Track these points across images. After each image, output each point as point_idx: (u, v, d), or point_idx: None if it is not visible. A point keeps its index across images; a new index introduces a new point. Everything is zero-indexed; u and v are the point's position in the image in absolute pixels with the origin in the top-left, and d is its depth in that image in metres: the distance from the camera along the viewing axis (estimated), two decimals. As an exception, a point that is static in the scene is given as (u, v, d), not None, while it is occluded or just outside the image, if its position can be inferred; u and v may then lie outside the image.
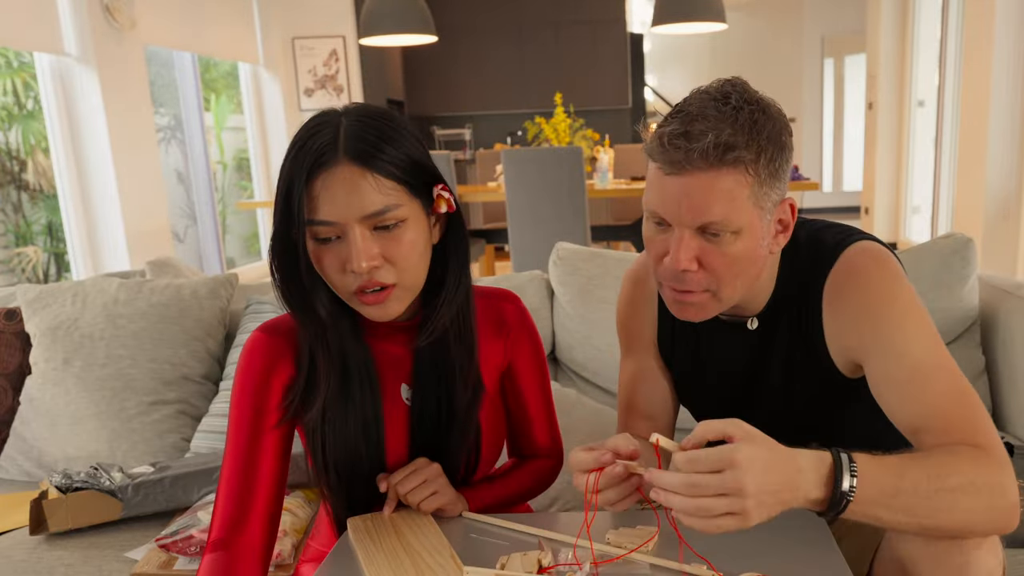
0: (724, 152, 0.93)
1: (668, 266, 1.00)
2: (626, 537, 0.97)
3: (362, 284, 0.94)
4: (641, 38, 8.19)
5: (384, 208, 0.92)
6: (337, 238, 0.93)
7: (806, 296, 1.07)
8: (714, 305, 1.03)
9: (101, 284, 1.90)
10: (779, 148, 0.96)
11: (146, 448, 1.77)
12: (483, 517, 1.08)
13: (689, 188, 0.94)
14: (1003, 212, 4.42)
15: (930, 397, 0.95)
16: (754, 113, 0.95)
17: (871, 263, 1.03)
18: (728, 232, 0.96)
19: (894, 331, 0.99)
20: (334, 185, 0.91)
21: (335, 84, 6.60)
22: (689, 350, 1.20)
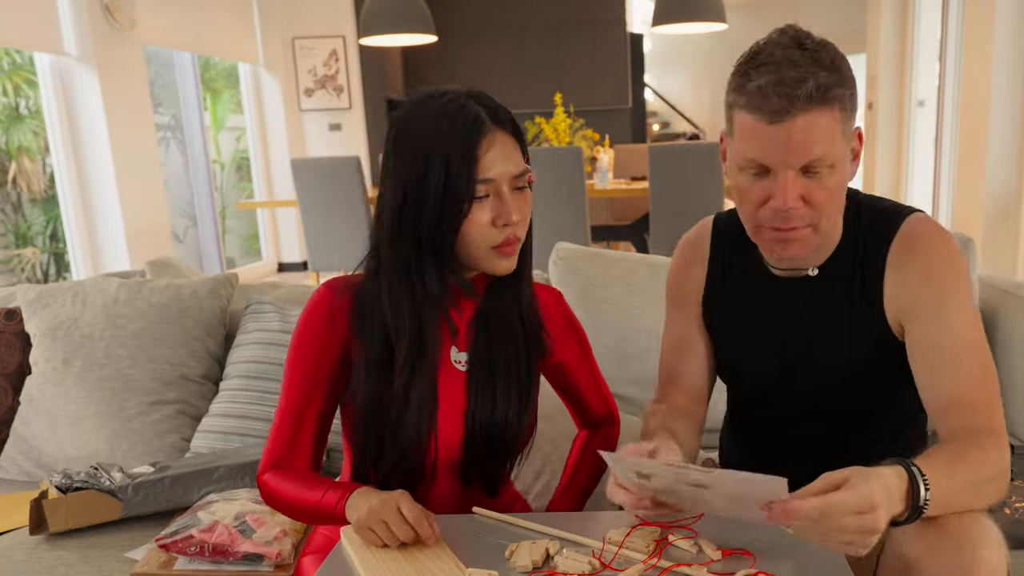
0: (826, 92, 0.98)
1: (774, 207, 1.03)
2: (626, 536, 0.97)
3: (507, 237, 1.06)
4: (641, 38, 8.19)
5: (524, 170, 1.08)
6: (487, 196, 1.04)
7: (870, 253, 1.11)
8: (814, 238, 1.07)
9: (101, 284, 1.90)
10: (852, 83, 1.02)
11: (146, 448, 1.76)
12: (496, 515, 1.08)
13: (793, 132, 0.98)
14: (1003, 212, 4.42)
15: (962, 374, 1.02)
16: (831, 51, 1.01)
17: (937, 234, 1.09)
18: (826, 167, 1.01)
19: (946, 300, 1.05)
20: (495, 149, 1.04)
21: (335, 84, 6.60)
22: (739, 309, 1.21)
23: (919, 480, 0.88)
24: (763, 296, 1.18)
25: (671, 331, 1.28)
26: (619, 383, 1.86)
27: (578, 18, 7.64)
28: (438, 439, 1.12)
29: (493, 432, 1.14)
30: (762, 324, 1.19)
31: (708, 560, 0.93)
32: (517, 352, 1.15)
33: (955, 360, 1.03)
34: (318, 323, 1.12)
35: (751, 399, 1.28)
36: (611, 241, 5.29)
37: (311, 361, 1.11)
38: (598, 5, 7.64)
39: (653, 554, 0.94)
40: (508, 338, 1.15)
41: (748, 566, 0.90)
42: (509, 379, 1.15)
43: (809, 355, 1.16)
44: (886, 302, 1.09)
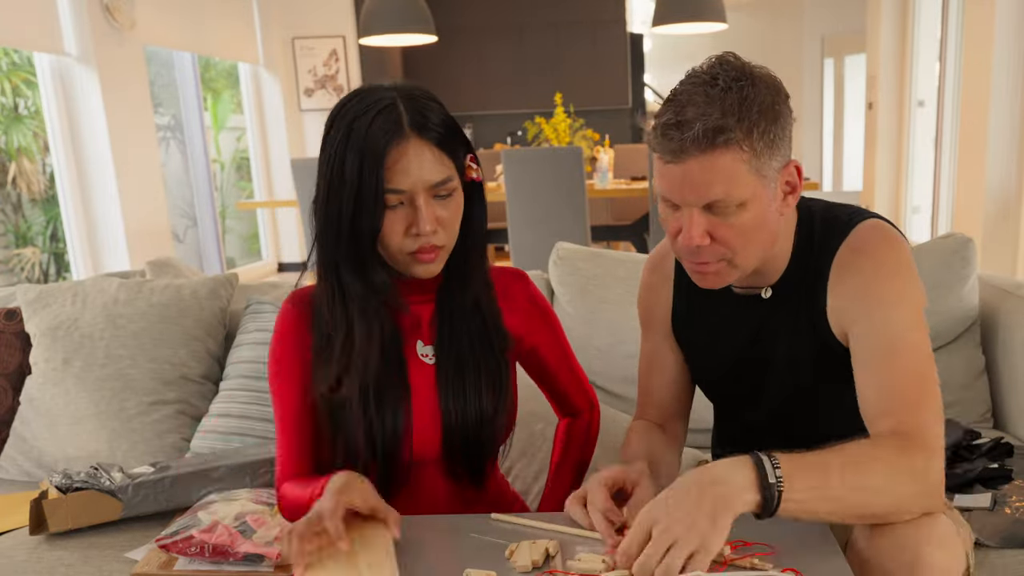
0: (715, 136, 0.97)
1: (682, 243, 1.05)
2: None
3: (421, 245, 1.05)
4: (641, 38, 8.18)
5: (446, 178, 1.04)
6: (400, 204, 1.03)
7: (817, 267, 1.11)
8: (732, 272, 1.07)
9: (101, 284, 1.90)
10: (772, 119, 1.00)
11: (146, 448, 1.76)
12: (514, 519, 1.08)
13: (688, 173, 0.99)
14: (1003, 212, 4.42)
15: (891, 380, 1.01)
16: (743, 89, 0.98)
17: (881, 240, 1.07)
18: (733, 206, 1.00)
19: (881, 306, 1.04)
20: (407, 158, 1.01)
21: (335, 84, 6.60)
22: (704, 325, 1.23)
23: (767, 468, 0.89)
24: (725, 315, 1.19)
25: (644, 350, 1.31)
26: (618, 383, 1.86)
27: (578, 18, 7.63)
28: (413, 435, 1.12)
29: (469, 425, 1.14)
30: (726, 342, 1.21)
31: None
32: (481, 346, 1.15)
33: (886, 362, 1.01)
34: (287, 340, 1.14)
35: (727, 411, 1.31)
36: (611, 241, 5.28)
37: (289, 377, 1.14)
38: (598, 5, 7.63)
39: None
40: (469, 333, 1.15)
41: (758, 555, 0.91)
42: (479, 372, 1.15)
43: (770, 371, 1.17)
44: (829, 313, 1.09)
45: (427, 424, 1.13)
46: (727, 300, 1.18)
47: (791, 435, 1.12)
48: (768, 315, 1.15)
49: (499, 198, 4.23)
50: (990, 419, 1.75)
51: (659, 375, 1.28)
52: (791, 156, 1.05)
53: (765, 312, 1.15)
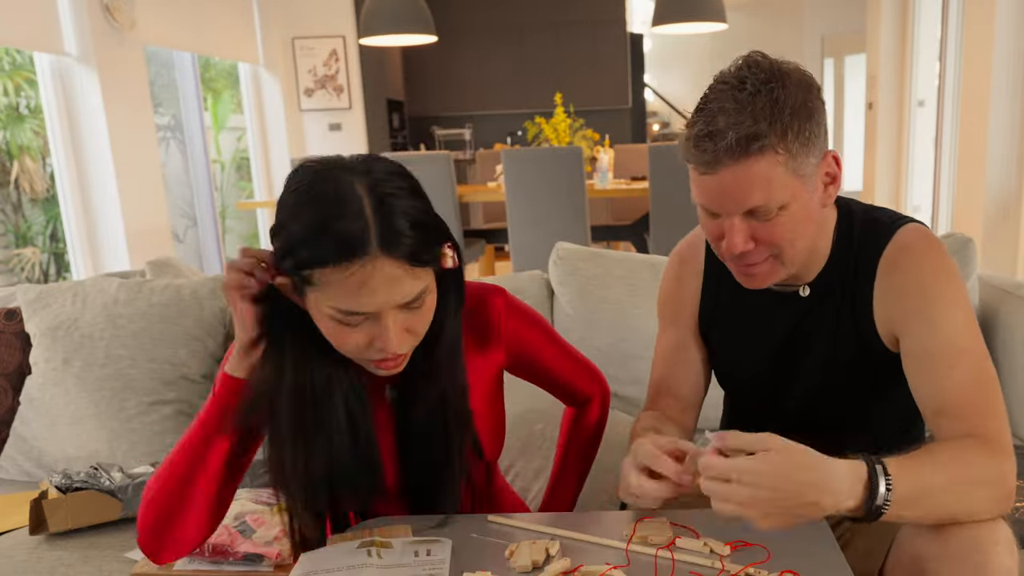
0: (748, 144, 0.95)
1: (727, 250, 1.04)
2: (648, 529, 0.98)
3: (386, 356, 0.95)
4: (641, 38, 8.19)
5: (419, 294, 0.93)
6: (365, 320, 0.92)
7: (860, 267, 1.10)
8: (780, 268, 1.07)
9: (101, 284, 1.90)
10: (806, 117, 0.98)
11: (146, 448, 1.76)
12: (511, 521, 1.08)
13: (724, 183, 0.98)
14: (1003, 212, 4.42)
15: (954, 379, 1.00)
16: (773, 91, 0.97)
17: (927, 243, 1.07)
18: (774, 209, 0.99)
19: (935, 307, 1.03)
20: (373, 281, 0.88)
21: (335, 84, 6.60)
22: (734, 321, 1.22)
23: (879, 476, 0.87)
24: (758, 310, 1.18)
25: (665, 341, 1.29)
26: (619, 383, 1.86)
27: (578, 18, 7.63)
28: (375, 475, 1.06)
29: (429, 467, 1.08)
30: (757, 337, 1.19)
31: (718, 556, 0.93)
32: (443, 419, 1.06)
33: (946, 366, 1.01)
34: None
35: (747, 406, 1.30)
36: (611, 241, 5.28)
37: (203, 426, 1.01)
38: (598, 5, 7.63)
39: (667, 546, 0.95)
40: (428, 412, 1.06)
41: (759, 559, 0.91)
42: (442, 421, 1.07)
43: (803, 368, 1.17)
44: (876, 315, 1.09)
45: (386, 463, 1.09)
46: (763, 296, 1.16)
47: (811, 438, 1.13)
48: (807, 313, 1.14)
49: (499, 198, 4.23)
50: (990, 419, 1.75)
51: (682, 368, 1.26)
52: (827, 147, 1.04)
53: (803, 310, 1.14)
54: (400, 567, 0.94)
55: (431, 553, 0.97)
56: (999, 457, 0.95)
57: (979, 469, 0.93)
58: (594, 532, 1.02)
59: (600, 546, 0.99)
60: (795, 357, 1.17)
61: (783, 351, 1.17)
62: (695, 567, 0.92)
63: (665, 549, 0.95)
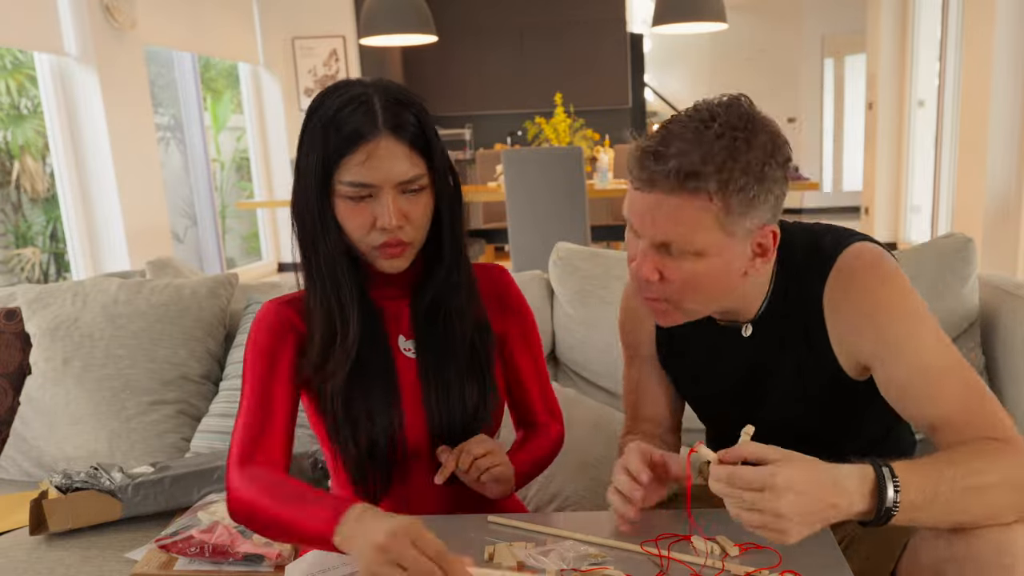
0: (685, 179, 0.93)
1: (633, 271, 1.03)
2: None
3: (386, 240, 1.05)
4: (641, 38, 8.19)
5: (415, 176, 1.04)
6: (368, 197, 1.04)
7: (806, 301, 1.07)
8: (678, 315, 1.06)
9: (101, 284, 1.90)
10: (756, 179, 0.95)
11: (146, 448, 1.76)
12: (511, 521, 1.07)
13: (652, 206, 0.97)
14: (1003, 212, 4.42)
15: (944, 399, 0.98)
16: (735, 141, 0.93)
17: (868, 267, 1.04)
18: (688, 252, 0.98)
19: (898, 336, 1.00)
20: (376, 155, 1.02)
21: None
22: (688, 356, 1.20)
23: (887, 480, 0.86)
24: (710, 344, 1.16)
25: (629, 373, 1.29)
26: (617, 383, 1.85)
27: (578, 18, 7.63)
28: (403, 430, 1.12)
29: (455, 420, 1.14)
30: (713, 371, 1.18)
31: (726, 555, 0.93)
32: (461, 342, 1.15)
33: (932, 390, 0.98)
34: (263, 335, 1.13)
35: (719, 430, 1.29)
36: (611, 241, 5.28)
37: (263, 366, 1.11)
38: (598, 5, 7.62)
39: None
40: (448, 328, 1.14)
41: (767, 561, 0.91)
42: (460, 367, 1.14)
43: (763, 399, 1.15)
44: (834, 345, 1.06)
45: (413, 419, 1.14)
46: (710, 332, 1.15)
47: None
48: (754, 349, 1.12)
49: (499, 198, 4.23)
50: (990, 419, 1.75)
51: (650, 399, 1.26)
52: (773, 221, 1.00)
53: (750, 348, 1.12)
54: None
55: None
56: (1017, 457, 0.92)
57: (999, 470, 0.90)
58: (592, 532, 1.02)
59: (600, 546, 0.99)
60: (755, 390, 1.15)
61: (743, 384, 1.16)
62: (695, 567, 0.92)
63: (667, 549, 0.95)
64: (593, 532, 1.02)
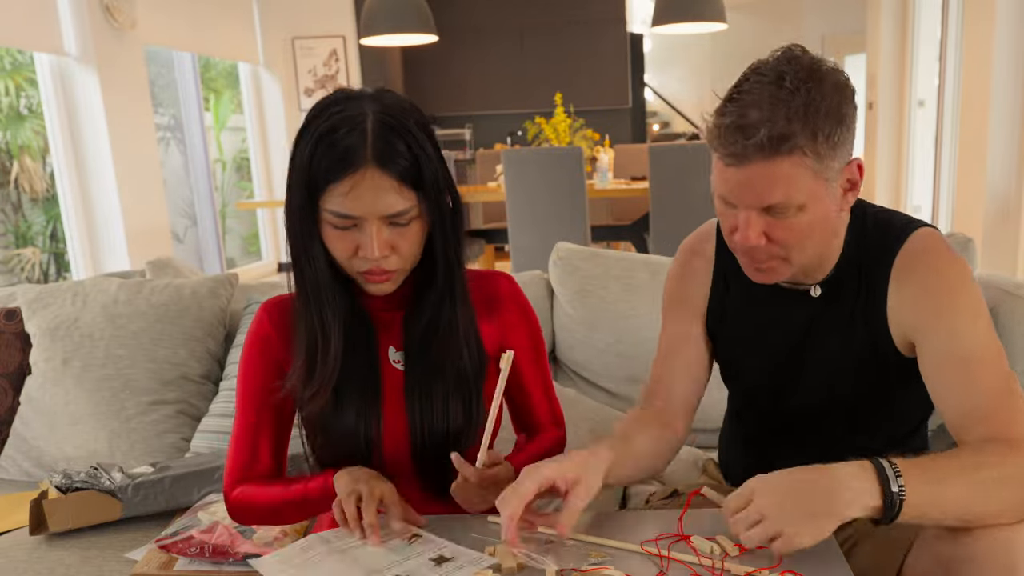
0: (779, 143, 0.95)
1: (739, 242, 1.04)
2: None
3: (371, 268, 1.03)
4: (641, 38, 8.18)
5: (402, 210, 1.01)
6: (353, 226, 1.01)
7: (874, 269, 1.09)
8: (787, 268, 1.07)
9: (101, 284, 1.90)
10: (837, 121, 0.97)
11: (146, 448, 1.76)
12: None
13: (749, 177, 0.98)
14: (1003, 212, 4.42)
15: (978, 388, 0.99)
16: (810, 92, 0.95)
17: (943, 247, 1.07)
18: (792, 208, 0.99)
19: (956, 315, 1.03)
20: (361, 187, 0.99)
21: (335, 84, 6.60)
22: (743, 317, 1.21)
23: (887, 469, 0.88)
24: (768, 307, 1.17)
25: (666, 334, 1.27)
26: (617, 383, 1.86)
27: (578, 18, 7.62)
28: (382, 440, 1.11)
29: (437, 436, 1.12)
30: (767, 335, 1.18)
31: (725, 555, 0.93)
32: (454, 359, 1.13)
33: (969, 372, 1.00)
34: (256, 346, 1.15)
35: (750, 403, 1.28)
36: (611, 241, 5.28)
37: (254, 383, 1.14)
38: (598, 5, 7.62)
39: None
40: (439, 345, 1.12)
41: (766, 562, 0.91)
42: (449, 385, 1.13)
43: (810, 367, 1.16)
44: (890, 317, 1.08)
45: (396, 432, 1.13)
46: (774, 294, 1.16)
47: (816, 442, 1.12)
48: (818, 312, 1.14)
49: (499, 198, 4.22)
50: (990, 419, 1.75)
51: (680, 362, 1.23)
52: (853, 154, 1.03)
53: (815, 310, 1.14)
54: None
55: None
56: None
57: (1005, 468, 0.92)
58: (592, 532, 1.02)
59: (600, 546, 0.98)
60: (804, 356, 1.16)
61: (792, 350, 1.16)
62: (696, 566, 0.92)
63: (667, 549, 0.95)
64: (593, 532, 1.02)
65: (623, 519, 1.09)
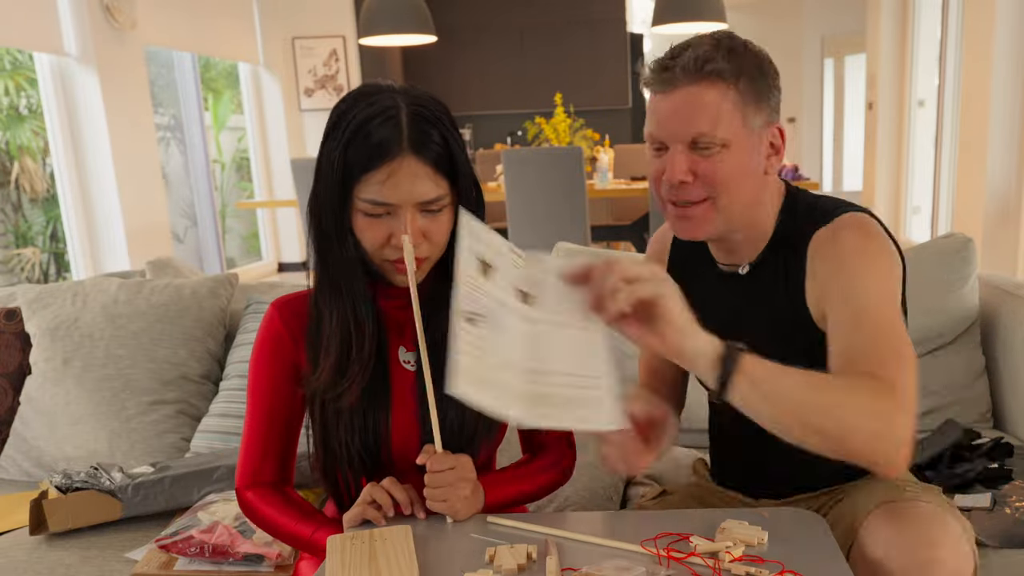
0: (703, 64, 1.03)
1: (666, 179, 1.07)
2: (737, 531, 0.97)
3: (401, 256, 1.03)
4: (641, 38, 8.19)
5: (437, 197, 1.03)
6: (386, 214, 1.03)
7: (795, 248, 1.12)
8: (714, 216, 1.08)
9: (101, 284, 1.90)
10: (760, 74, 1.06)
11: (145, 448, 1.76)
12: (511, 521, 1.07)
13: (676, 103, 1.04)
14: (1003, 212, 4.42)
15: (864, 336, 1.00)
16: (735, 45, 1.06)
17: (857, 225, 1.09)
18: (717, 145, 1.04)
19: (853, 280, 1.05)
20: (398, 174, 1.01)
21: (335, 84, 6.61)
22: (691, 301, 1.21)
23: (734, 349, 0.92)
24: (709, 290, 1.19)
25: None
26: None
27: (578, 18, 7.63)
28: (391, 443, 1.11)
29: (452, 436, 1.10)
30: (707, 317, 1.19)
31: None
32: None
33: (853, 326, 1.01)
34: (268, 344, 1.14)
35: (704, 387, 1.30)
36: (611, 241, 5.29)
37: (267, 381, 1.14)
38: (598, 5, 7.63)
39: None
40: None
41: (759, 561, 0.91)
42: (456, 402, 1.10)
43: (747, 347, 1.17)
44: (807, 292, 1.11)
45: (407, 433, 1.12)
46: (713, 275, 1.20)
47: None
48: (745, 291, 1.17)
49: (499, 198, 4.23)
50: (990, 419, 1.75)
51: (653, 360, 1.30)
52: (777, 120, 1.09)
53: (743, 288, 1.17)
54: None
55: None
56: (889, 397, 0.92)
57: (855, 392, 0.92)
58: (592, 532, 1.02)
59: (599, 546, 0.99)
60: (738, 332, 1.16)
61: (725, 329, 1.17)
62: (695, 566, 0.92)
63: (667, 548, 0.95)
64: (593, 532, 1.02)
65: (623, 519, 1.10)
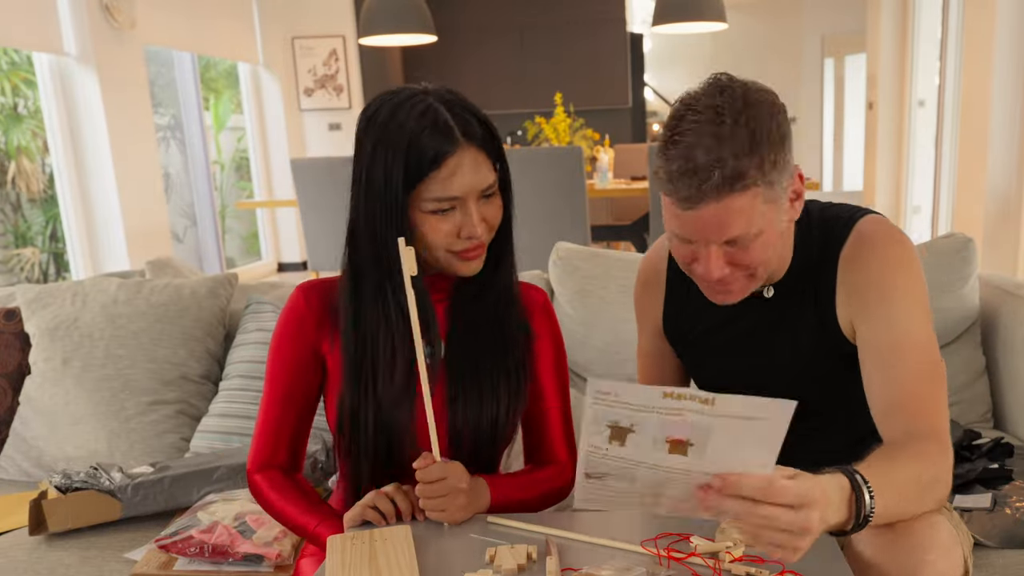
0: (733, 183, 0.95)
1: (702, 275, 1.05)
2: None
3: (468, 246, 1.06)
4: (641, 38, 8.19)
5: (494, 182, 1.08)
6: (452, 209, 1.05)
7: (822, 264, 1.11)
8: (753, 284, 1.08)
9: (101, 284, 1.90)
10: (779, 144, 0.98)
11: (145, 448, 1.76)
12: (511, 521, 1.07)
13: (705, 218, 0.98)
14: (1003, 212, 4.42)
15: (906, 372, 1.01)
16: (749, 122, 0.95)
17: (886, 234, 1.08)
18: (750, 237, 1.00)
19: (893, 299, 1.04)
20: (463, 167, 1.03)
21: (335, 84, 6.60)
22: (701, 325, 1.22)
23: (863, 488, 0.86)
24: (724, 317, 1.18)
25: (640, 345, 1.33)
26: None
27: (578, 18, 7.63)
28: (416, 434, 1.11)
29: (478, 429, 1.12)
30: (723, 342, 1.20)
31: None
32: (498, 348, 1.13)
33: (899, 359, 1.02)
34: (290, 327, 1.15)
35: None
36: (611, 241, 5.29)
37: (286, 364, 1.15)
38: (598, 5, 7.62)
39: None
40: (485, 334, 1.13)
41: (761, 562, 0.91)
42: (494, 375, 1.13)
43: (770, 369, 1.17)
44: (839, 310, 1.10)
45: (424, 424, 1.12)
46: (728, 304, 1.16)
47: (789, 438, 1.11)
48: (770, 314, 1.15)
49: (499, 198, 4.22)
50: (990, 419, 1.75)
51: (657, 368, 1.30)
52: (793, 164, 1.03)
53: (767, 311, 1.15)
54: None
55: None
56: (946, 454, 0.97)
57: (936, 468, 0.95)
58: (592, 532, 1.02)
59: (599, 546, 0.99)
60: (760, 358, 1.17)
61: (748, 352, 1.18)
62: (696, 567, 0.92)
63: (667, 548, 0.95)
64: (593, 532, 1.02)
65: (623, 519, 1.09)
